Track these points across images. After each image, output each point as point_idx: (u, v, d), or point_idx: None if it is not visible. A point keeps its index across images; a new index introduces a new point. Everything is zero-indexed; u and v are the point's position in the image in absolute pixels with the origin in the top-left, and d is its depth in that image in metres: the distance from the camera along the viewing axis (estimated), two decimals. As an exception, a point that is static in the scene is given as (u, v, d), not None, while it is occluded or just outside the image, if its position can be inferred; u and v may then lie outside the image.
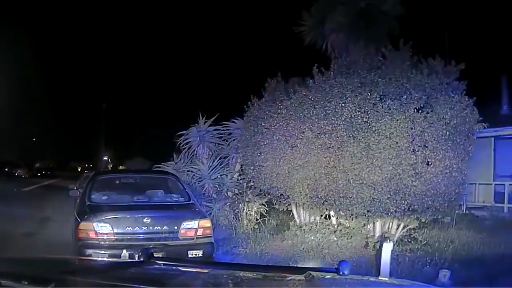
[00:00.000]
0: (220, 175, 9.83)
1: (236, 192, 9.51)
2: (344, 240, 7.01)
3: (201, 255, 5.77)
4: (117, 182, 7.49)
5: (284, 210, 8.50)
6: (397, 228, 6.99)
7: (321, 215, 7.69)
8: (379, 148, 6.25)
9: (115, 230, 5.60)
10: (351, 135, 6.51)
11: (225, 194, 9.61)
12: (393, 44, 7.19)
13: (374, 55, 7.15)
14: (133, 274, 1.83)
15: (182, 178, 8.47)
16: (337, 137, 6.58)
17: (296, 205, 7.88)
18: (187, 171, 10.02)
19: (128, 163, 30.00)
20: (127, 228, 5.68)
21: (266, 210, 8.99)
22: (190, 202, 6.54)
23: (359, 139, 6.43)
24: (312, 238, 7.21)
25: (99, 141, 46.82)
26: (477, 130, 6.53)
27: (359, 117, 6.52)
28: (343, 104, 6.64)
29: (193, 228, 5.93)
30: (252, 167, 8.21)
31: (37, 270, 1.74)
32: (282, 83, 8.39)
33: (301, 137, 7.04)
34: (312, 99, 7.09)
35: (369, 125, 6.42)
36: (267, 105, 8.13)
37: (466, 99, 6.42)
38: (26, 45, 37.78)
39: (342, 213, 7.06)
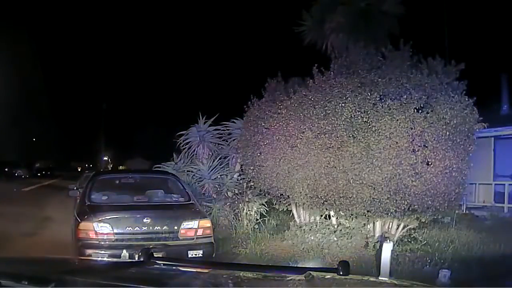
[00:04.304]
0: (220, 175, 9.82)
1: (236, 192, 9.50)
2: (344, 240, 7.01)
3: (201, 255, 5.78)
4: (117, 182, 7.49)
5: (284, 210, 8.50)
6: (397, 228, 6.99)
7: (321, 215, 7.69)
8: (379, 148, 6.25)
9: (115, 230, 5.61)
10: (351, 135, 6.51)
11: (225, 194, 9.60)
12: (393, 44, 7.19)
13: (374, 55, 7.14)
14: (133, 274, 1.83)
15: (182, 178, 8.46)
16: (337, 137, 6.58)
17: (296, 205, 7.88)
18: (187, 171, 10.01)
19: (128, 163, 30.01)
20: (127, 228, 5.68)
21: (266, 210, 8.99)
22: (190, 202, 6.54)
23: (359, 139, 6.43)
24: (312, 238, 7.20)
25: (99, 141, 46.90)
26: (477, 130, 6.53)
27: (359, 117, 6.52)
28: (343, 104, 6.64)
29: (193, 228, 5.94)
30: (252, 167, 8.21)
31: (37, 270, 1.74)
32: (282, 83, 8.39)
33: (301, 137, 7.04)
34: (312, 99, 7.08)
35: (369, 125, 6.42)
36: (267, 105, 8.12)
37: (466, 99, 6.42)
38: (26, 45, 37.79)
39: (342, 213, 7.05)
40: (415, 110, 6.31)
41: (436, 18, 16.81)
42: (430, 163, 6.21)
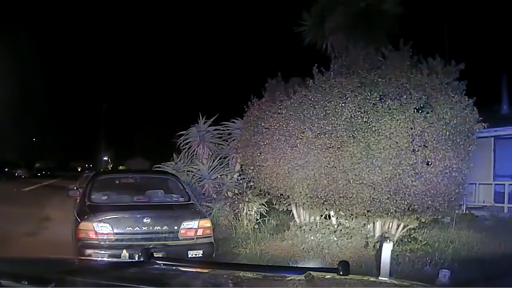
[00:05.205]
0: (220, 175, 9.82)
1: (236, 192, 9.50)
2: (344, 240, 7.01)
3: (201, 255, 5.78)
4: (117, 182, 7.50)
5: (284, 210, 8.50)
6: (397, 228, 6.99)
7: (321, 215, 7.69)
8: (379, 148, 6.25)
9: (115, 230, 5.61)
10: (351, 135, 6.51)
11: (225, 194, 9.61)
12: (393, 44, 7.19)
13: (374, 55, 7.14)
14: (133, 274, 1.83)
15: (182, 178, 8.47)
16: (337, 137, 6.58)
17: (296, 205, 7.88)
18: (187, 171, 10.02)
19: (128, 163, 30.00)
20: (127, 228, 5.68)
21: (266, 210, 8.98)
22: (190, 202, 6.54)
23: (359, 139, 6.43)
24: (312, 238, 7.20)
25: (99, 141, 46.89)
26: (477, 130, 6.53)
27: (359, 117, 6.52)
28: (343, 104, 6.64)
29: (193, 228, 5.94)
30: (252, 167, 8.21)
31: (37, 270, 1.74)
32: (282, 83, 8.39)
33: (301, 137, 7.04)
34: (312, 99, 7.08)
35: (369, 125, 6.42)
36: (267, 105, 8.12)
37: (466, 99, 6.42)
38: (26, 45, 37.78)
39: (342, 213, 7.05)
40: (415, 110, 6.31)
41: (436, 18, 16.81)
42: (430, 163, 6.21)
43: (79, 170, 47.04)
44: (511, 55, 14.95)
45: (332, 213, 7.38)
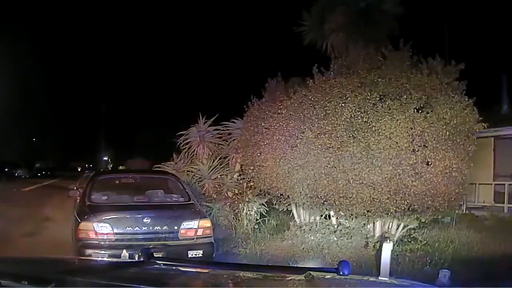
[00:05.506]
0: (220, 175, 9.83)
1: (236, 192, 9.50)
2: (344, 240, 7.01)
3: (201, 255, 5.77)
4: (117, 182, 7.49)
5: (284, 210, 8.50)
6: (397, 228, 6.99)
7: (321, 215, 7.69)
8: (379, 148, 6.25)
9: (115, 230, 5.61)
10: (351, 135, 6.51)
11: (225, 194, 9.60)
12: (393, 44, 7.19)
13: (374, 55, 7.14)
14: (133, 274, 1.83)
15: (182, 178, 8.46)
16: (337, 137, 6.58)
17: (296, 205, 7.88)
18: (187, 171, 10.02)
19: (128, 163, 29.97)
20: (127, 228, 5.68)
21: (266, 210, 8.99)
22: (190, 202, 6.54)
23: (359, 139, 6.43)
24: (312, 238, 7.21)
25: (99, 141, 46.93)
26: (477, 130, 6.53)
27: (359, 117, 6.52)
28: (343, 104, 6.64)
29: (193, 228, 5.94)
30: (252, 167, 8.21)
31: (37, 270, 1.74)
32: (282, 83, 8.40)
33: (301, 137, 7.05)
34: (312, 99, 7.09)
35: (369, 125, 6.42)
36: (267, 105, 8.13)
37: (466, 99, 6.42)
38: (26, 45, 37.79)
39: (342, 213, 7.05)
40: (415, 110, 6.31)
41: (436, 18, 16.82)
42: (430, 163, 6.21)
43: (79, 170, 47.04)
44: (511, 55, 14.96)
45: (332, 213, 7.38)
